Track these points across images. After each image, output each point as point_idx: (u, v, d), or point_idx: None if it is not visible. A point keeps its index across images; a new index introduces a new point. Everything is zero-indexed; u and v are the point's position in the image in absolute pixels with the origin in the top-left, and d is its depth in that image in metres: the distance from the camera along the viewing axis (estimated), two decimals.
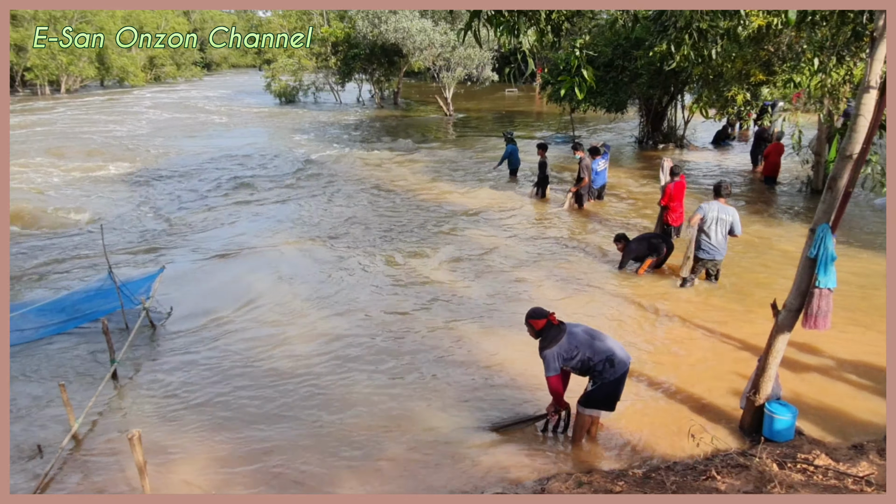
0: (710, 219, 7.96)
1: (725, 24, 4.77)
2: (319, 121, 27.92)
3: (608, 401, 5.01)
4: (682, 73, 14.29)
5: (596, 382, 4.91)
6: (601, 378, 4.87)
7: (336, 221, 11.78)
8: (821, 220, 4.53)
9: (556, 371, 4.90)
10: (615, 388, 4.93)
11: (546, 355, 4.89)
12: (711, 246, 8.05)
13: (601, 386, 4.89)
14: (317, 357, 6.80)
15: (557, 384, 4.97)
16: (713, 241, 8.03)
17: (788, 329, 4.93)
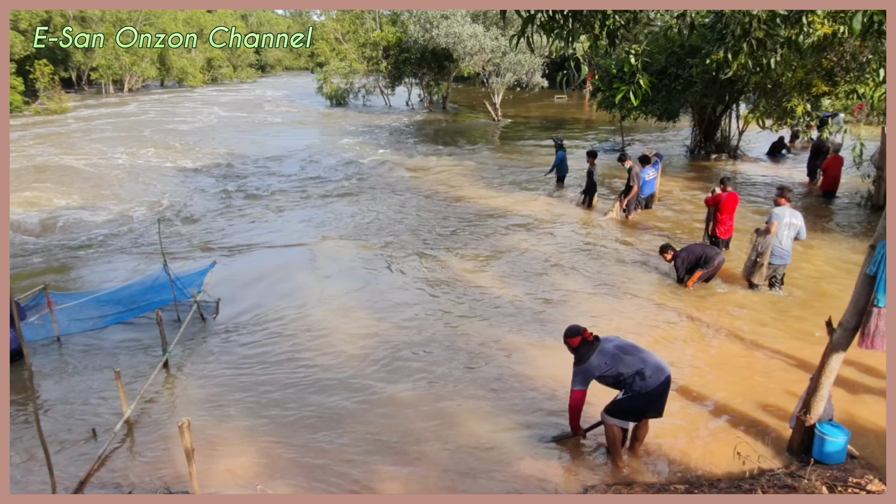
0: (783, 224, 8.12)
1: (786, 32, 4.65)
2: (369, 124, 28.31)
3: (634, 413, 4.96)
4: (738, 81, 13.95)
5: (627, 393, 4.86)
6: (631, 390, 4.82)
7: (383, 224, 11.92)
8: (881, 237, 4.36)
9: (582, 385, 4.93)
10: (646, 402, 4.84)
11: (575, 371, 4.96)
12: (783, 250, 8.19)
13: (630, 397, 4.84)
14: (362, 358, 6.88)
15: (578, 400, 4.99)
16: (784, 246, 8.17)
17: (843, 348, 4.76)
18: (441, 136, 24.40)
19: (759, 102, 12.34)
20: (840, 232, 11.40)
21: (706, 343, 7.25)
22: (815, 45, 8.89)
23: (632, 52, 4.08)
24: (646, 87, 4.09)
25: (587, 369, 4.88)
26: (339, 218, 12.41)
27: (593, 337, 4.97)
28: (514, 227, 11.63)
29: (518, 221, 12.01)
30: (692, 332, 7.50)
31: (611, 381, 4.92)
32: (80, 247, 10.96)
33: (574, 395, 4.99)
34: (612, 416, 4.97)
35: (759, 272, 8.36)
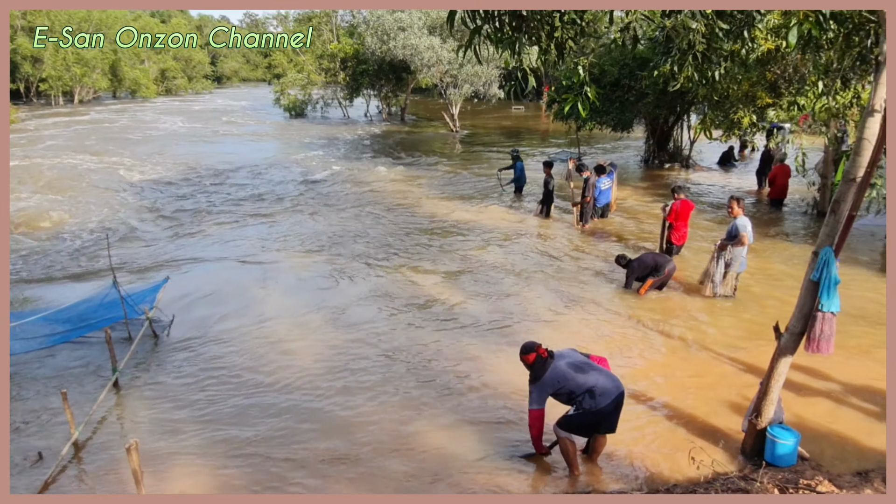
0: (749, 233, 8.49)
1: (729, 46, 4.78)
2: (328, 135, 28.13)
3: (585, 429, 4.99)
4: (687, 93, 14.33)
5: (577, 410, 4.89)
6: (581, 407, 4.85)
7: (341, 237, 11.80)
8: (824, 244, 4.49)
9: (539, 405, 4.89)
10: (596, 420, 4.87)
11: (531, 389, 4.92)
12: (743, 258, 8.55)
13: (581, 414, 4.86)
14: (318, 373, 6.77)
15: (536, 419, 4.95)
16: (744, 253, 8.53)
17: (791, 352, 4.88)
18: (400, 147, 24.39)
19: (707, 114, 12.69)
20: (788, 239, 11.77)
21: (660, 350, 7.35)
22: (759, 58, 9.22)
23: (580, 64, 4.14)
24: (594, 99, 4.14)
25: (542, 386, 4.86)
26: (297, 231, 12.24)
27: (548, 353, 4.94)
28: (473, 238, 11.66)
29: (476, 232, 12.05)
30: (646, 339, 7.61)
31: (564, 398, 4.94)
32: (24, 264, 10.54)
33: (532, 414, 4.95)
34: (563, 429, 4.98)
35: (729, 283, 8.59)
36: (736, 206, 8.57)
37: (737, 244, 8.39)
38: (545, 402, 4.92)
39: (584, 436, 5.12)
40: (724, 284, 8.58)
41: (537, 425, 4.99)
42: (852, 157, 4.22)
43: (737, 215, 8.53)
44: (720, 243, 8.57)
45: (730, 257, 8.45)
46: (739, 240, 8.36)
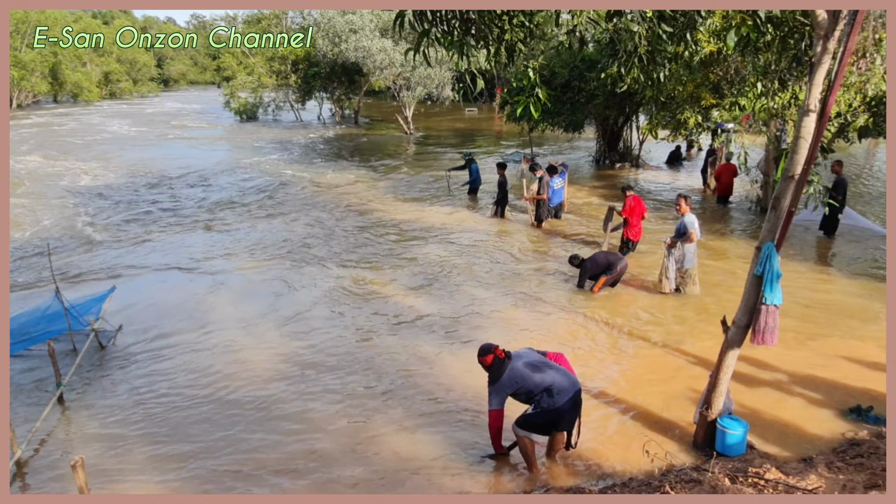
0: (696, 230, 8.75)
1: (673, 48, 4.90)
2: (280, 139, 27.72)
3: (544, 427, 5.04)
4: (635, 94, 14.67)
5: (536, 408, 4.94)
6: (539, 406, 4.90)
7: (294, 241, 11.64)
8: (766, 239, 4.66)
9: (499, 406, 4.93)
10: (555, 418, 4.93)
11: (490, 390, 4.95)
12: (693, 254, 8.79)
13: (539, 413, 4.92)
14: (272, 380, 6.65)
15: (496, 419, 5.00)
16: (693, 250, 8.79)
17: (738, 345, 5.03)
18: (354, 150, 24.22)
19: (654, 114, 13.02)
20: (734, 234, 12.17)
21: (613, 346, 7.49)
22: (702, 60, 9.50)
23: (530, 67, 4.18)
24: (545, 100, 4.20)
25: (501, 387, 4.89)
26: (248, 237, 12.01)
27: (505, 353, 4.96)
28: (429, 240, 11.66)
29: (431, 234, 12.06)
30: (599, 336, 7.74)
31: (523, 397, 4.98)
32: None
33: (492, 415, 4.99)
34: (521, 428, 5.02)
35: (686, 280, 8.82)
36: (684, 204, 8.83)
37: (686, 241, 8.63)
38: (504, 402, 4.95)
39: (543, 434, 5.17)
40: (681, 281, 8.80)
41: (497, 426, 5.03)
42: (790, 155, 4.38)
43: (685, 213, 8.78)
44: (670, 240, 8.79)
45: (680, 254, 8.68)
46: (688, 236, 8.60)
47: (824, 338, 7.47)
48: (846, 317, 8.10)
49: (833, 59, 4.13)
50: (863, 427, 5.67)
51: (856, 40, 4.00)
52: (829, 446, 5.42)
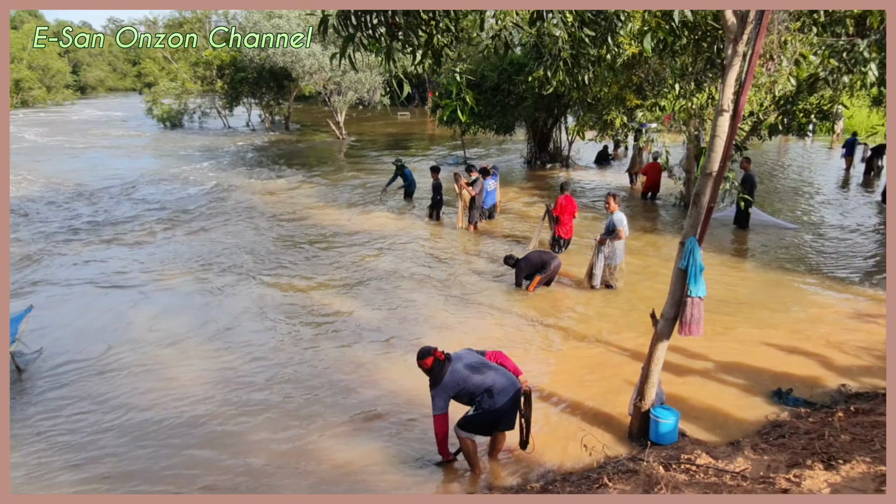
0: (625, 227, 8.98)
1: (595, 51, 5.05)
2: (208, 146, 26.88)
3: (485, 427, 5.08)
4: (563, 96, 15.02)
5: (477, 409, 4.97)
6: (480, 407, 4.93)
7: (225, 252, 11.29)
8: (688, 234, 4.85)
9: (443, 410, 4.89)
10: (496, 418, 4.98)
11: (433, 394, 4.91)
12: (621, 251, 9.05)
13: (480, 414, 4.95)
14: (206, 396, 6.43)
15: (442, 425, 4.96)
16: (622, 246, 9.05)
17: (667, 337, 5.22)
18: (285, 156, 23.76)
19: (582, 115, 13.38)
20: (661, 230, 12.64)
21: (549, 343, 7.64)
22: (625, 63, 9.82)
23: (458, 71, 4.22)
24: (472, 104, 4.24)
25: (443, 390, 4.86)
26: (175, 249, 11.57)
27: (444, 356, 4.95)
28: (362, 245, 11.57)
29: (368, 239, 11.96)
30: (536, 334, 7.88)
31: (465, 399, 4.98)
32: None
33: (437, 420, 4.95)
34: (463, 430, 5.03)
35: (615, 275, 9.08)
36: (612, 202, 9.11)
37: (615, 238, 8.89)
38: (448, 406, 4.92)
39: (484, 435, 5.20)
40: (605, 276, 9.07)
41: (443, 431, 4.99)
42: (707, 153, 4.58)
43: (613, 210, 9.05)
44: (599, 238, 9.04)
45: (609, 251, 8.94)
46: (617, 234, 8.87)
47: (743, 327, 7.85)
48: (760, 306, 8.55)
49: (743, 61, 4.35)
50: (784, 409, 5.99)
51: (762, 43, 4.22)
52: (754, 429, 5.70)
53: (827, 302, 8.75)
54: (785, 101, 10.04)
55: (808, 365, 6.88)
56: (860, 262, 10.47)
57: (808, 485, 4.04)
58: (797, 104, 10.82)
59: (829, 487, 3.96)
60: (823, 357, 7.05)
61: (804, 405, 6.00)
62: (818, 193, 16.29)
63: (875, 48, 5.42)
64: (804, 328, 7.81)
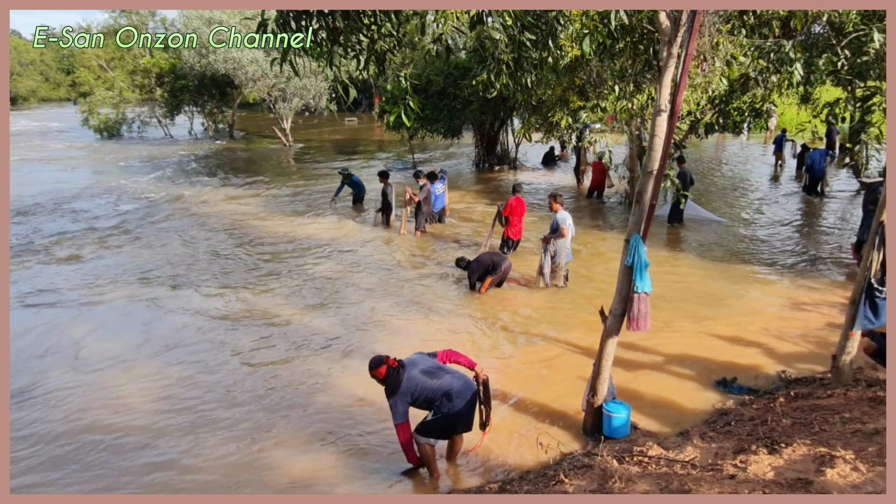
0: (569, 226, 9.14)
1: (537, 54, 5.14)
2: (149, 157, 26.07)
3: (444, 431, 5.09)
4: (508, 99, 15.19)
5: (436, 414, 4.97)
6: (440, 411, 4.94)
7: (168, 265, 10.96)
8: (633, 231, 4.97)
9: (404, 418, 4.87)
10: (454, 421, 5.00)
11: (391, 404, 4.86)
12: (568, 249, 9.24)
13: (439, 418, 4.96)
14: (154, 416, 6.22)
15: (405, 433, 4.92)
16: (569, 245, 9.22)
17: (616, 332, 5.33)
18: (230, 165, 23.27)
19: (528, 118, 13.57)
20: (608, 228, 12.92)
21: (502, 343, 7.70)
22: (568, 65, 10.01)
23: (402, 75, 4.22)
24: (417, 109, 4.25)
25: (400, 398, 4.82)
26: (117, 263, 11.15)
27: (398, 363, 4.92)
28: (313, 253, 11.43)
29: (316, 247, 11.81)
30: (489, 335, 7.93)
31: (423, 404, 4.97)
32: None
33: (399, 429, 4.90)
34: (423, 435, 5.03)
35: (559, 274, 9.22)
36: (555, 202, 9.32)
37: (558, 237, 9.07)
38: (407, 413, 4.89)
39: (444, 438, 5.19)
40: (553, 275, 9.21)
41: (406, 439, 4.94)
42: (648, 152, 4.71)
43: (556, 210, 9.26)
44: (544, 237, 9.22)
45: (554, 249, 9.11)
46: (560, 232, 9.05)
47: (687, 320, 8.10)
48: (701, 299, 8.84)
49: (678, 63, 4.49)
50: (729, 397, 6.20)
51: (695, 45, 4.37)
52: (702, 418, 5.88)
53: (764, 293, 9.10)
54: (720, 101, 10.42)
55: (750, 354, 7.14)
56: (791, 253, 10.93)
57: (753, 469, 4.18)
58: (731, 103, 11.24)
59: (773, 471, 4.11)
60: (764, 345, 7.34)
61: (748, 393, 6.23)
62: (751, 189, 16.95)
63: (799, 48, 5.69)
64: (744, 318, 8.10)
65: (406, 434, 4.93)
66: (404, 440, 4.95)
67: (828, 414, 5.13)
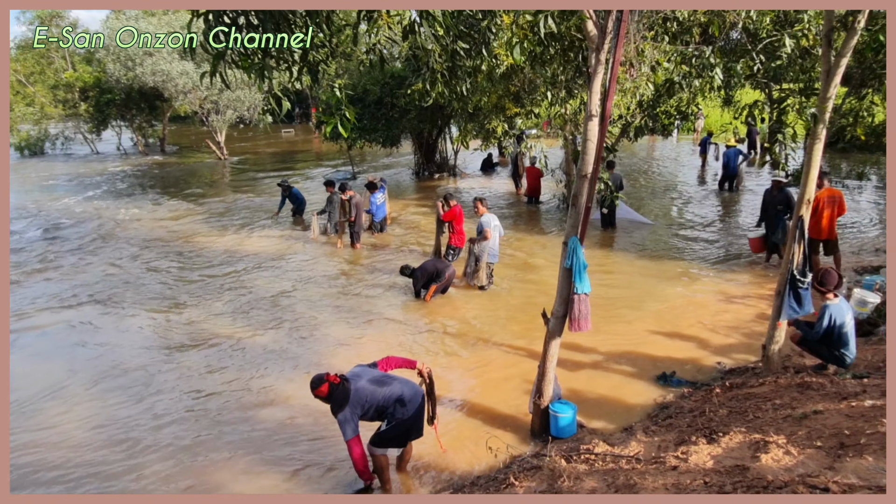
0: (493, 227, 9.36)
1: (470, 63, 5.21)
2: (75, 174, 24.90)
3: (399, 439, 5.05)
4: (445, 107, 15.30)
5: (390, 422, 4.92)
6: (394, 419, 4.89)
7: (100, 286, 10.47)
8: (570, 234, 5.09)
9: (355, 433, 4.75)
10: (408, 427, 4.97)
11: (340, 420, 4.72)
12: (495, 250, 9.46)
13: (393, 426, 4.91)
14: (93, 444, 5.94)
15: (357, 448, 4.78)
16: (495, 246, 9.43)
17: (559, 334, 5.43)
18: (162, 181, 22.51)
19: (465, 125, 13.69)
20: (546, 231, 13.16)
21: (448, 350, 7.73)
22: (503, 73, 10.17)
23: (336, 86, 4.20)
24: (353, 119, 4.23)
25: (350, 412, 4.71)
26: (44, 288, 10.57)
27: (340, 378, 4.81)
28: (254, 268, 11.17)
29: (257, 261, 11.56)
30: (435, 341, 7.95)
31: (374, 415, 4.89)
32: None
33: (351, 445, 4.75)
34: (378, 447, 4.97)
35: (480, 275, 9.44)
36: (480, 206, 9.59)
37: (481, 239, 9.33)
38: (358, 427, 4.78)
39: (399, 446, 5.14)
40: (480, 276, 9.46)
41: (359, 454, 4.81)
42: (581, 156, 4.84)
43: (482, 214, 9.52)
44: (471, 239, 9.53)
45: (479, 250, 9.33)
46: (484, 235, 9.29)
47: (625, 318, 8.34)
48: (637, 297, 9.13)
49: (606, 69, 4.64)
50: (670, 391, 6.41)
51: (622, 52, 4.52)
52: (645, 413, 6.06)
53: (696, 288, 9.47)
54: (648, 105, 10.81)
55: (686, 347, 7.41)
56: (717, 250, 11.41)
57: (694, 460, 4.33)
58: (659, 107, 11.66)
59: (712, 460, 4.28)
60: (699, 339, 7.63)
61: (687, 385, 6.46)
62: (680, 189, 17.60)
63: (718, 54, 5.97)
64: (679, 314, 8.40)
65: (359, 449, 4.80)
66: (358, 456, 4.80)
67: (760, 401, 5.37)
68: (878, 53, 6.00)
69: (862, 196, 15.22)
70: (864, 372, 5.66)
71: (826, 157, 17.30)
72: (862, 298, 7.28)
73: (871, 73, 9.72)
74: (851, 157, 20.48)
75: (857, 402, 4.75)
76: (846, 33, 5.08)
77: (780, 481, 3.48)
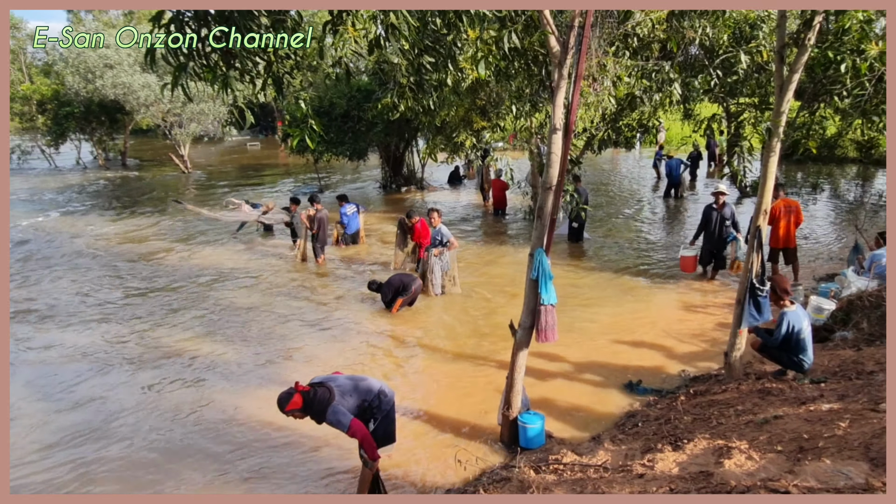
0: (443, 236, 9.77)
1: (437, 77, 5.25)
2: (34, 189, 24.17)
3: (388, 437, 4.97)
4: (412, 121, 15.36)
5: (375, 420, 4.83)
6: (381, 410, 4.81)
7: (60, 304, 10.19)
8: (536, 245, 5.14)
9: (352, 416, 4.55)
10: (391, 421, 4.94)
11: (329, 416, 4.48)
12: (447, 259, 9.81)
13: (381, 421, 4.84)
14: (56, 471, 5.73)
15: (359, 427, 4.52)
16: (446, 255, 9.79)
17: (526, 345, 5.47)
18: (124, 195, 22.03)
19: (432, 138, 13.78)
20: (512, 243, 13.25)
21: (417, 360, 7.72)
22: (469, 87, 10.28)
23: (301, 98, 4.18)
24: (320, 131, 4.22)
25: (338, 406, 4.52)
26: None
27: (311, 385, 4.69)
28: (222, 283, 10.99)
29: (225, 276, 11.38)
30: (403, 354, 7.94)
31: (357, 412, 4.73)
32: None
33: (353, 427, 4.48)
34: None
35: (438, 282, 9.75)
36: (436, 217, 9.69)
37: (451, 248, 9.73)
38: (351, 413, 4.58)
39: (387, 444, 4.96)
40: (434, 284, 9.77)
41: (363, 433, 4.54)
42: (546, 168, 4.91)
43: (436, 225, 9.66)
44: (437, 250, 9.75)
45: (444, 261, 9.71)
46: (451, 244, 9.61)
47: (591, 328, 8.44)
48: (602, 308, 9.23)
49: (569, 83, 4.73)
50: (636, 399, 6.49)
51: (584, 66, 4.62)
52: (612, 421, 6.12)
53: (659, 298, 9.63)
54: (611, 118, 11.02)
55: (652, 356, 7.53)
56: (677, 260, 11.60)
57: (660, 467, 4.39)
58: (621, 120, 11.90)
59: (678, 466, 4.34)
60: (664, 347, 7.75)
61: (653, 393, 6.55)
62: (640, 201, 17.95)
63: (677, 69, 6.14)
64: (643, 323, 8.53)
65: (361, 427, 4.52)
66: (362, 435, 4.52)
67: (723, 408, 5.48)
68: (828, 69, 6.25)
69: (817, 206, 15.72)
70: (821, 377, 5.82)
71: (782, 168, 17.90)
72: (818, 305, 7.51)
73: (822, 88, 10.10)
74: (806, 169, 21.17)
75: (815, 407, 4.89)
76: (798, 49, 5.27)
77: (743, 486, 3.54)
